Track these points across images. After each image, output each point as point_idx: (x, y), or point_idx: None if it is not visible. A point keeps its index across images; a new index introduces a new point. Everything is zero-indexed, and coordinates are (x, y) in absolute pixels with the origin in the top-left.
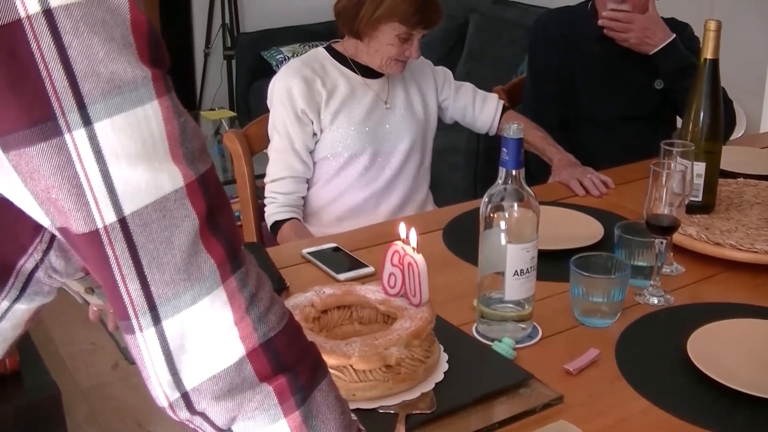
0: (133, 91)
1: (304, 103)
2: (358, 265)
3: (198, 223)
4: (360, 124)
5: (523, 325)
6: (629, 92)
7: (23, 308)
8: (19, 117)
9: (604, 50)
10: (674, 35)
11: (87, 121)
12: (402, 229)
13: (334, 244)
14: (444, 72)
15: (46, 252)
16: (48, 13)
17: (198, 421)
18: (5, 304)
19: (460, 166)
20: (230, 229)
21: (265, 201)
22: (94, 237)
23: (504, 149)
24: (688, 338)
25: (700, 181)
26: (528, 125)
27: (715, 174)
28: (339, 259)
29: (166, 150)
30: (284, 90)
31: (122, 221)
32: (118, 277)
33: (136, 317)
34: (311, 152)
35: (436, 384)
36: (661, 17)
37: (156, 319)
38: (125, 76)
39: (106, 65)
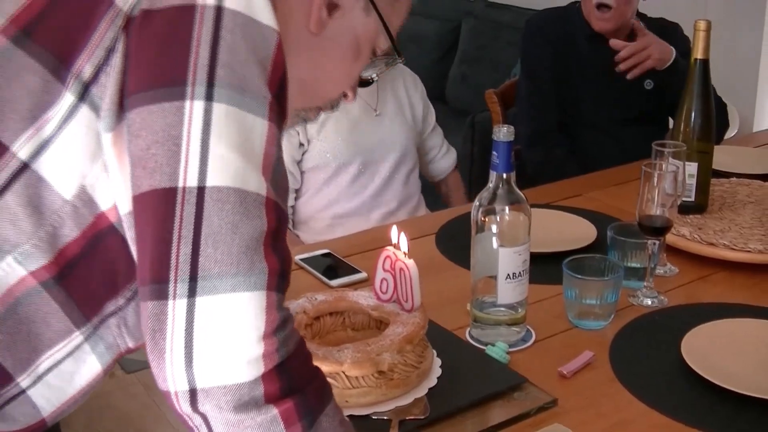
0: (253, 100)
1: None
2: (350, 271)
3: (266, 229)
4: (348, 134)
5: (517, 329)
6: (622, 92)
7: (87, 350)
8: (155, 77)
9: (596, 50)
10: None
11: (209, 97)
12: (393, 233)
13: (326, 250)
14: (430, 106)
15: (128, 301)
16: (219, 9)
17: (198, 420)
18: (79, 338)
19: None
20: (286, 256)
21: None
22: (170, 194)
23: (494, 152)
24: (682, 339)
25: (692, 181)
26: None
27: (707, 174)
28: (331, 265)
29: (259, 162)
30: None
31: (201, 189)
32: (175, 236)
33: (175, 282)
34: (299, 162)
35: (429, 389)
36: (650, 17)
37: (192, 291)
38: (252, 84)
39: (242, 67)
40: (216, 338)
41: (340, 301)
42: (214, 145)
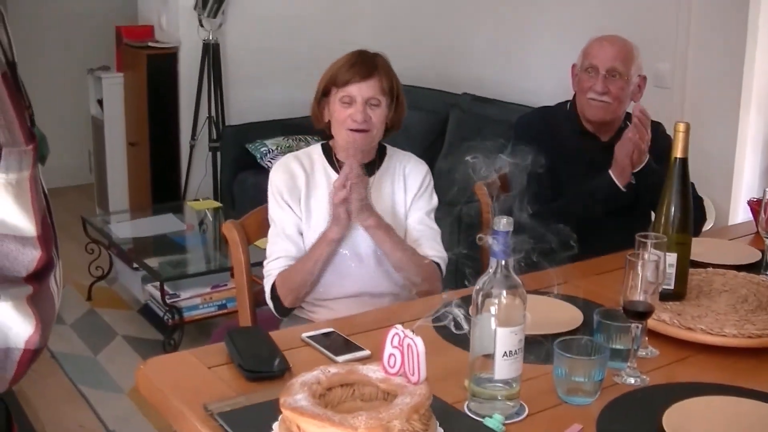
0: None
1: (288, 195)
2: (354, 348)
3: None
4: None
5: (512, 403)
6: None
7: None
8: None
9: (586, 146)
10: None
11: None
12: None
13: (330, 329)
14: (431, 198)
15: None
16: None
17: None
18: None
19: None
20: None
21: (265, 279)
22: None
23: (494, 240)
24: (662, 415)
25: (672, 271)
26: None
27: (685, 264)
28: (336, 342)
29: None
30: (272, 181)
31: None
32: None
33: None
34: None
35: None
36: None
37: None
38: None
39: None
40: None
41: (351, 374)
42: None
